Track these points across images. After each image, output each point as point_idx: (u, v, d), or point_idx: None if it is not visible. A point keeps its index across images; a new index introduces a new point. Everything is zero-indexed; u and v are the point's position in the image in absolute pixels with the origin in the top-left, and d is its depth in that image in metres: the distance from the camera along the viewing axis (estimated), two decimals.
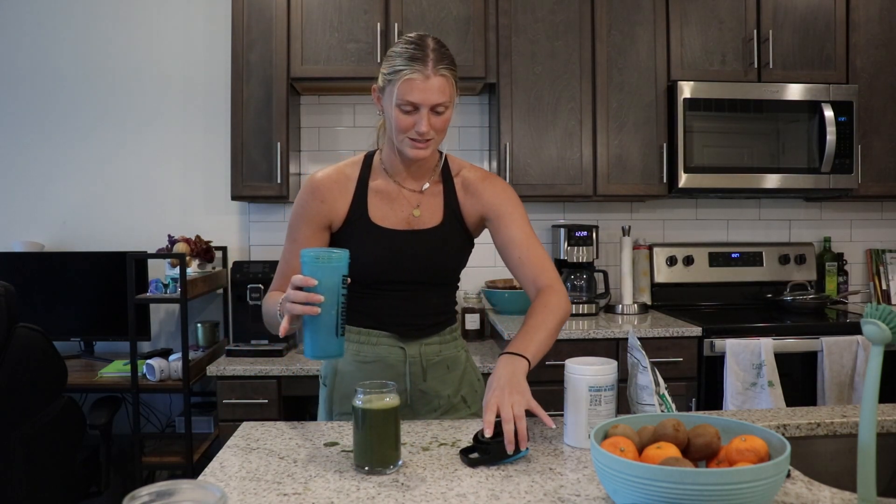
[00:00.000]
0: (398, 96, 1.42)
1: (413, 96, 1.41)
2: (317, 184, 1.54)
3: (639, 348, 1.32)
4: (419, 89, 1.40)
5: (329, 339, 1.26)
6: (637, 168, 3.04)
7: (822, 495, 1.08)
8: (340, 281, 1.25)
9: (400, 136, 1.46)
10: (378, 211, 1.54)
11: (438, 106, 1.43)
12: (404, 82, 1.41)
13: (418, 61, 1.41)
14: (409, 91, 1.41)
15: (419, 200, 1.56)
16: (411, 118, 1.43)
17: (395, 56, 1.45)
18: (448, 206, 1.57)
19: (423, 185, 1.57)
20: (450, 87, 1.44)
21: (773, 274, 3.33)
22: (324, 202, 1.53)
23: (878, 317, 1.03)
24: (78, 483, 2.45)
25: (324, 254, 1.25)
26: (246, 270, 2.83)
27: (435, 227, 1.55)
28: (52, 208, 3.25)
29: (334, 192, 1.54)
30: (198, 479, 1.08)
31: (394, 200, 1.55)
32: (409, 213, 1.55)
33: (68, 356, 2.97)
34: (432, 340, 1.59)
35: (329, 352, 1.27)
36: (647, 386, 1.28)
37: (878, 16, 3.09)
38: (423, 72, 1.40)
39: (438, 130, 1.46)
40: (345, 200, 1.54)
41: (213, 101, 3.23)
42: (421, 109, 1.42)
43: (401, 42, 1.46)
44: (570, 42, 3.01)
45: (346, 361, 1.58)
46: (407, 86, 1.41)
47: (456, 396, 1.62)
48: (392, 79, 1.43)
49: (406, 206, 1.56)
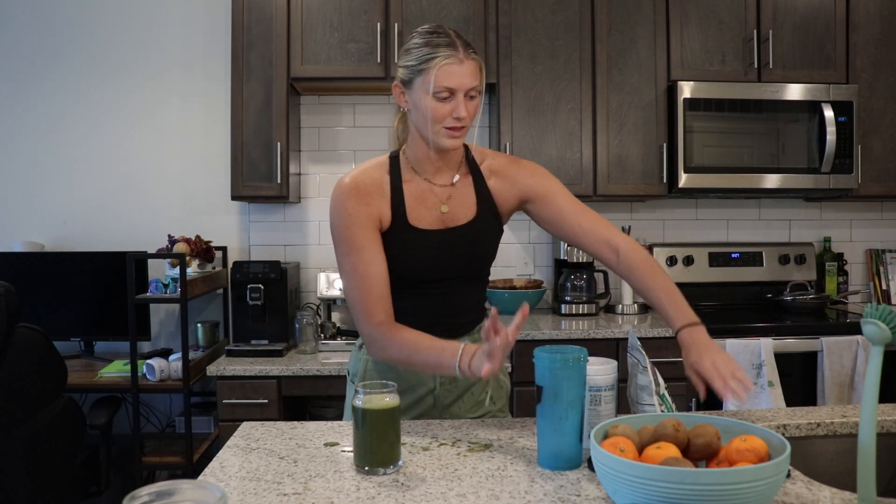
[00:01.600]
0: (436, 83, 1.40)
1: (451, 81, 1.40)
2: (355, 188, 1.48)
3: (639, 348, 1.32)
4: (456, 74, 1.40)
5: (574, 446, 1.19)
6: (637, 168, 3.04)
7: (822, 495, 1.08)
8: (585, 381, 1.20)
9: (436, 127, 1.44)
10: (414, 213, 1.51)
11: (472, 91, 1.43)
12: (441, 69, 1.39)
13: (449, 47, 1.40)
14: (446, 77, 1.39)
15: (450, 194, 1.54)
16: (448, 105, 1.42)
17: (418, 47, 1.43)
18: (481, 197, 1.56)
19: (452, 177, 1.55)
20: (480, 71, 1.45)
21: (773, 274, 3.33)
22: (369, 205, 1.48)
23: (878, 317, 1.03)
24: (78, 483, 2.45)
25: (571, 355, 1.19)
26: (246, 270, 2.83)
27: (470, 222, 1.54)
28: (52, 208, 3.24)
29: (373, 196, 1.49)
30: (198, 479, 1.08)
31: (426, 199, 1.53)
32: (439, 210, 1.53)
33: (68, 356, 2.96)
34: (463, 341, 1.57)
35: (572, 460, 1.20)
36: (647, 386, 1.27)
37: (878, 16, 3.09)
38: (457, 56, 1.40)
39: (472, 117, 1.45)
40: (385, 204, 1.50)
41: (213, 101, 3.23)
42: (457, 95, 1.41)
43: (417, 35, 1.45)
44: (570, 42, 3.01)
45: (377, 360, 1.56)
46: (444, 71, 1.39)
47: (482, 394, 1.61)
48: (424, 68, 1.41)
49: (436, 202, 1.53)
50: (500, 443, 1.35)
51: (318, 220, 3.30)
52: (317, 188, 3.30)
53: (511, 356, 2.68)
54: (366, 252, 1.46)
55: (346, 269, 1.48)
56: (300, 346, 2.85)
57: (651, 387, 1.26)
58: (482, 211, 1.55)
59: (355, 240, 1.46)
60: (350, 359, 1.66)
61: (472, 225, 1.54)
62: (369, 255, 1.46)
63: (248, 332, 2.85)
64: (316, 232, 3.30)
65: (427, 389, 1.57)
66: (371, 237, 1.47)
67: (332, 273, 2.99)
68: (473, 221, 1.54)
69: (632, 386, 1.34)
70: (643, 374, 1.29)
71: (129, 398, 2.73)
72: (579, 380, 1.20)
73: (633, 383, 1.33)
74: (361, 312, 1.45)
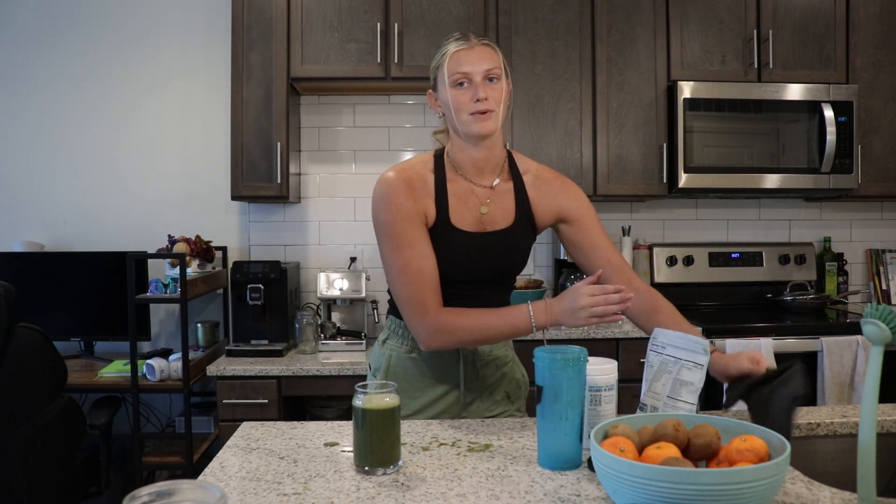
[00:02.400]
0: (449, 72, 1.46)
1: (462, 67, 1.45)
2: (404, 181, 1.49)
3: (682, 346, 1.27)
4: (466, 59, 1.45)
5: (574, 446, 1.20)
6: (637, 168, 3.04)
7: (822, 495, 1.08)
8: (585, 381, 1.20)
9: (462, 117, 1.46)
10: (456, 213, 1.52)
11: (490, 72, 1.46)
12: (451, 57, 1.46)
13: (460, 40, 1.48)
14: (458, 63, 1.45)
15: (489, 196, 1.55)
16: (467, 92, 1.45)
17: (438, 50, 1.52)
18: (520, 205, 1.56)
19: (493, 180, 1.56)
20: (497, 55, 1.48)
21: (773, 274, 3.33)
22: (416, 200, 1.49)
23: (878, 317, 1.03)
24: (78, 483, 2.45)
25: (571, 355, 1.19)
26: (246, 270, 2.83)
27: (507, 228, 1.55)
28: (52, 208, 3.24)
29: (419, 191, 1.50)
30: (198, 479, 1.08)
31: (467, 199, 1.54)
32: (479, 211, 1.53)
33: (68, 356, 2.96)
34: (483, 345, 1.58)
35: (572, 460, 1.20)
36: (692, 383, 1.24)
37: (878, 16, 3.09)
38: (468, 42, 1.46)
39: (496, 101, 1.46)
40: (430, 200, 1.50)
41: (213, 101, 3.23)
42: (474, 79, 1.45)
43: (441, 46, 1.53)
44: (570, 42, 3.01)
45: (400, 356, 1.57)
46: (455, 59, 1.46)
47: (500, 393, 1.62)
48: (440, 63, 1.48)
49: (476, 204, 1.54)
50: (500, 443, 1.35)
51: (317, 220, 3.30)
52: (317, 188, 3.30)
53: None
54: (418, 248, 1.46)
55: (398, 266, 1.46)
56: (300, 346, 2.85)
57: (697, 385, 1.24)
58: (519, 218, 1.56)
59: (406, 235, 1.46)
60: (372, 354, 1.66)
61: (509, 231, 1.55)
62: (421, 251, 1.46)
63: (248, 332, 2.85)
64: (316, 232, 3.30)
65: (450, 387, 1.57)
66: (421, 233, 1.48)
67: (332, 273, 2.99)
68: (511, 228, 1.55)
69: (660, 383, 1.30)
70: (692, 370, 1.25)
71: (129, 398, 2.73)
72: (579, 380, 1.20)
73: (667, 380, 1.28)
74: (418, 307, 1.44)
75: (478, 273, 1.53)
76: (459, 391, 1.58)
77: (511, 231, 1.55)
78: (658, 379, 1.30)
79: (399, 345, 1.58)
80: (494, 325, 1.42)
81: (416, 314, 1.45)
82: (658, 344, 1.32)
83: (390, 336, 1.61)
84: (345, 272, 3.01)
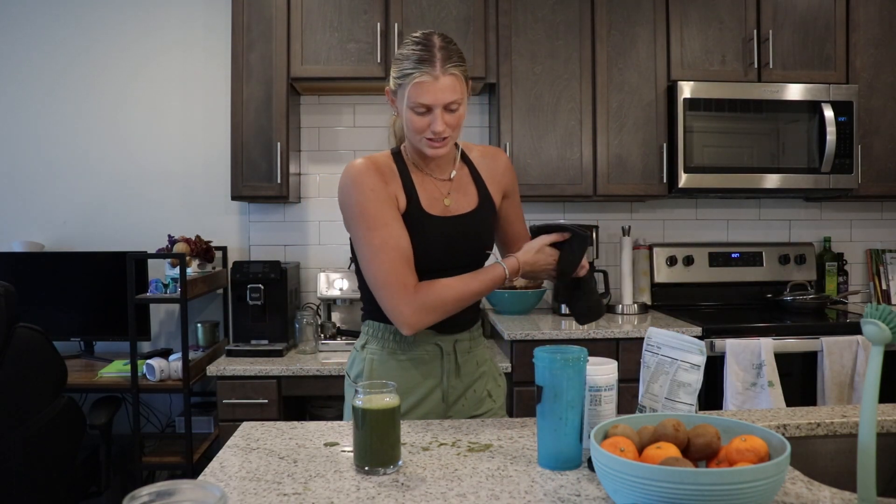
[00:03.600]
0: (409, 99, 1.43)
1: (424, 98, 1.42)
2: (373, 165, 1.50)
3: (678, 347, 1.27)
4: (429, 91, 1.41)
5: (574, 446, 1.20)
6: (637, 168, 3.04)
7: (822, 495, 1.08)
8: (585, 381, 1.21)
9: (417, 137, 1.48)
10: (425, 200, 1.54)
11: (451, 104, 1.44)
12: (414, 86, 1.42)
13: (426, 63, 1.41)
14: (419, 94, 1.42)
15: (450, 188, 1.58)
16: (426, 119, 1.45)
17: (402, 59, 1.45)
18: (479, 187, 1.61)
19: (450, 172, 1.60)
20: (460, 84, 1.46)
21: (773, 274, 3.33)
22: (387, 183, 1.50)
23: (878, 317, 1.03)
24: (78, 483, 2.45)
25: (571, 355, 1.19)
26: (246, 270, 2.83)
27: (473, 210, 1.58)
28: (52, 208, 3.25)
29: (388, 177, 1.52)
30: (198, 479, 1.08)
31: (431, 190, 1.56)
32: (443, 203, 1.56)
33: (68, 356, 2.97)
34: (463, 337, 1.61)
35: (572, 460, 1.20)
36: (689, 384, 1.24)
37: (878, 16, 3.09)
38: (432, 73, 1.41)
39: (454, 127, 1.47)
40: (399, 188, 1.52)
41: (213, 101, 3.23)
42: (434, 110, 1.43)
43: (408, 43, 1.47)
44: (570, 42, 3.01)
45: (382, 360, 1.57)
46: (417, 89, 1.42)
47: (482, 391, 1.64)
48: (402, 82, 1.44)
49: (439, 195, 1.57)
50: (500, 443, 1.35)
51: (317, 220, 3.30)
52: (317, 188, 3.30)
53: (511, 356, 2.68)
54: (394, 227, 1.46)
55: (375, 245, 1.45)
56: (300, 346, 2.85)
57: (695, 386, 1.24)
58: (482, 200, 1.61)
59: (381, 215, 1.46)
60: (350, 360, 1.65)
61: (475, 213, 1.58)
62: (397, 230, 1.47)
63: (248, 332, 2.85)
64: (316, 232, 3.30)
65: (432, 386, 1.57)
66: (395, 213, 1.48)
67: (333, 273, 2.99)
68: (476, 210, 1.59)
69: (657, 384, 1.30)
70: (689, 371, 1.25)
71: (129, 398, 2.73)
72: (579, 380, 1.20)
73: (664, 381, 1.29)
74: (399, 286, 1.44)
75: (451, 258, 1.54)
76: (443, 388, 1.58)
77: (478, 212, 1.59)
78: (655, 380, 1.30)
79: (380, 348, 1.57)
80: (476, 289, 1.49)
81: (399, 293, 1.43)
82: (653, 344, 1.32)
83: (369, 341, 1.59)
84: (345, 272, 3.01)
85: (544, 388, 1.19)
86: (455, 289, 1.46)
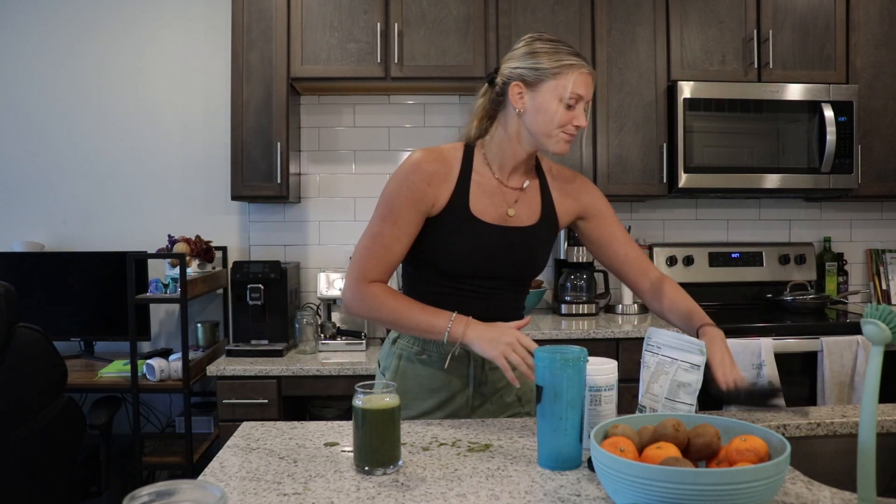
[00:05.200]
0: (572, 89, 1.45)
1: (583, 90, 1.46)
2: (426, 165, 1.49)
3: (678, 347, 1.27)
4: (587, 84, 1.47)
5: (574, 446, 1.20)
6: (637, 168, 3.05)
7: (822, 495, 1.08)
8: (585, 381, 1.21)
9: (555, 131, 1.48)
10: (479, 203, 1.52)
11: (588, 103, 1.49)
12: (580, 75, 1.45)
13: (581, 58, 1.47)
14: (581, 85, 1.45)
15: (517, 197, 1.56)
16: (571, 113, 1.47)
17: (549, 52, 1.46)
18: (545, 204, 1.59)
19: (523, 182, 1.58)
20: None
21: (773, 274, 3.33)
22: (430, 185, 1.49)
23: (878, 317, 1.03)
24: (78, 483, 2.45)
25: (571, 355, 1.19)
26: (246, 270, 2.83)
27: (531, 226, 1.56)
28: (52, 208, 3.25)
29: (440, 176, 1.50)
30: (198, 479, 1.08)
31: (493, 196, 1.54)
32: (505, 211, 1.54)
33: (68, 356, 2.97)
34: None
35: (572, 460, 1.20)
36: (689, 384, 1.24)
37: (878, 16, 3.09)
38: (588, 68, 1.48)
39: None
40: (448, 186, 1.50)
41: (213, 101, 3.23)
42: (580, 104, 1.47)
43: (536, 40, 1.50)
44: (570, 42, 3.00)
45: (410, 356, 1.57)
46: (582, 79, 1.46)
47: (511, 395, 1.61)
48: (561, 72, 1.45)
49: (503, 203, 1.55)
50: (500, 443, 1.35)
51: (318, 220, 3.30)
52: (317, 188, 3.30)
53: None
54: (399, 227, 1.48)
55: (373, 231, 1.50)
56: (300, 346, 2.85)
57: (695, 386, 1.24)
58: (544, 217, 1.58)
59: (398, 213, 1.48)
60: (381, 351, 1.66)
61: (533, 229, 1.56)
62: (400, 231, 1.48)
63: (248, 332, 2.85)
64: (316, 232, 3.30)
65: (459, 389, 1.56)
66: (413, 218, 1.49)
67: (333, 273, 2.99)
68: (535, 226, 1.56)
69: (657, 384, 1.30)
70: (689, 371, 1.25)
71: (129, 398, 2.73)
72: (579, 380, 1.20)
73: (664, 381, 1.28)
74: (360, 275, 1.49)
75: (498, 268, 1.53)
76: (468, 393, 1.57)
77: (535, 229, 1.56)
78: (655, 380, 1.30)
79: (410, 345, 1.57)
80: (413, 318, 1.45)
81: (355, 279, 1.50)
82: (653, 344, 1.32)
83: (401, 335, 1.60)
84: (345, 272, 3.01)
85: (544, 388, 1.19)
86: (391, 310, 1.47)
